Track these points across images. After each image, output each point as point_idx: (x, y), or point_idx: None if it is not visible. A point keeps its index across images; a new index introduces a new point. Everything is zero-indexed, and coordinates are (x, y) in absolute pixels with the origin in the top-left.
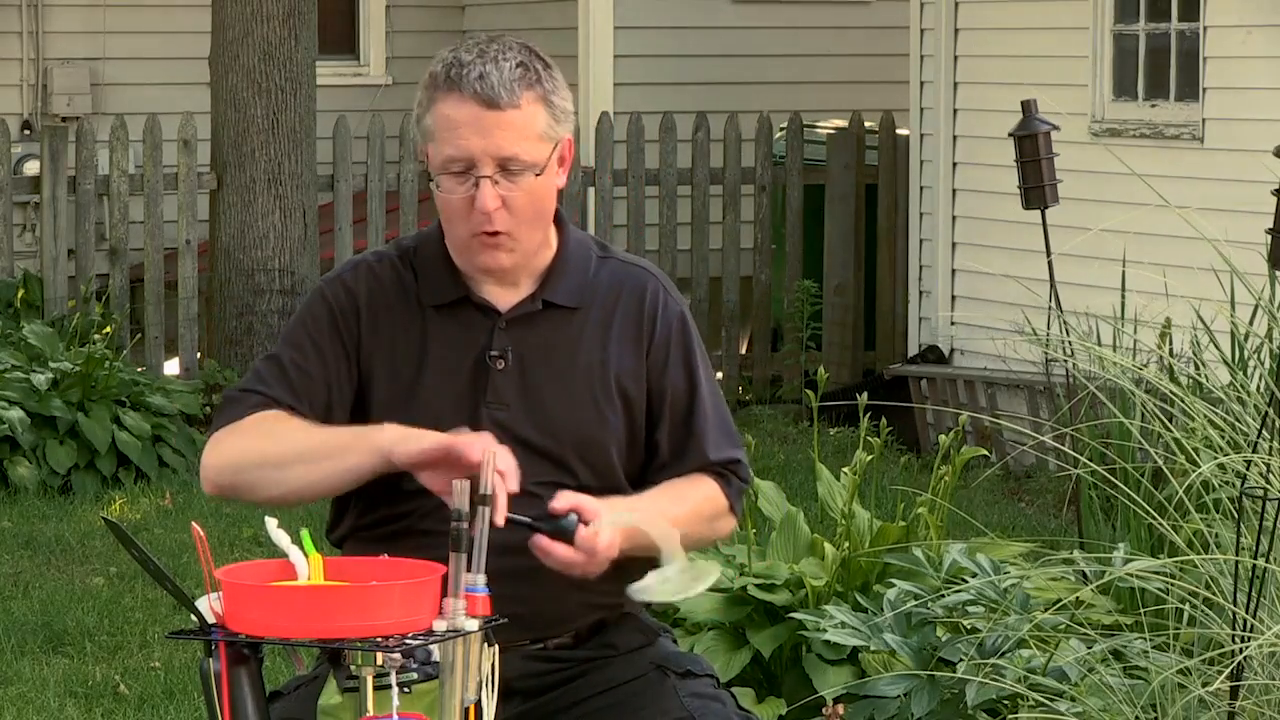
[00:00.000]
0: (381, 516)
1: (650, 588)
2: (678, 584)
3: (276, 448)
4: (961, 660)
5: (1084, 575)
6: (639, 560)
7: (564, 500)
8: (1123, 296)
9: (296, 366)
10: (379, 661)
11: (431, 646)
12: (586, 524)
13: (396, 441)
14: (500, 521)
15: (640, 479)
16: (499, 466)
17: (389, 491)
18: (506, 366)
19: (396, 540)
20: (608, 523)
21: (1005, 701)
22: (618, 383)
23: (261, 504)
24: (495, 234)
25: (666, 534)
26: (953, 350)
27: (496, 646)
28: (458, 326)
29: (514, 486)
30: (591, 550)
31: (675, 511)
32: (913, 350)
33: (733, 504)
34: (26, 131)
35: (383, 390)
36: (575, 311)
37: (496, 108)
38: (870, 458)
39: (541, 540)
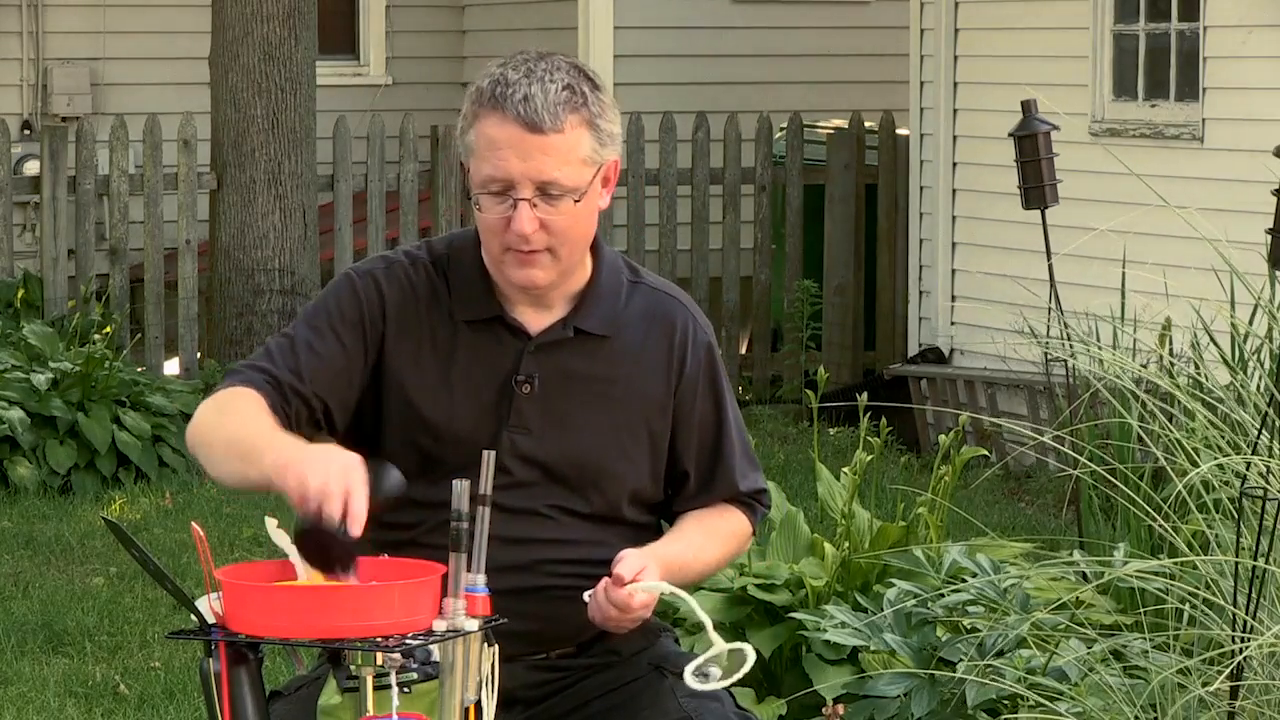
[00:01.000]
0: (386, 523)
1: (698, 678)
2: (721, 671)
3: (218, 434)
4: (961, 660)
5: (1084, 575)
6: None
7: (628, 566)
8: (1123, 297)
9: (309, 348)
10: (379, 661)
11: (431, 646)
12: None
13: (276, 472)
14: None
15: (668, 509)
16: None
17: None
18: (532, 391)
19: (399, 549)
20: (645, 588)
21: (1005, 701)
22: (644, 416)
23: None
24: (531, 252)
25: (705, 618)
26: (953, 350)
27: (496, 648)
28: (487, 345)
29: (355, 531)
30: (626, 608)
31: (712, 554)
32: (913, 350)
33: (754, 531)
34: (26, 131)
35: (410, 395)
36: (605, 340)
37: (539, 131)
38: (870, 458)
39: (597, 595)
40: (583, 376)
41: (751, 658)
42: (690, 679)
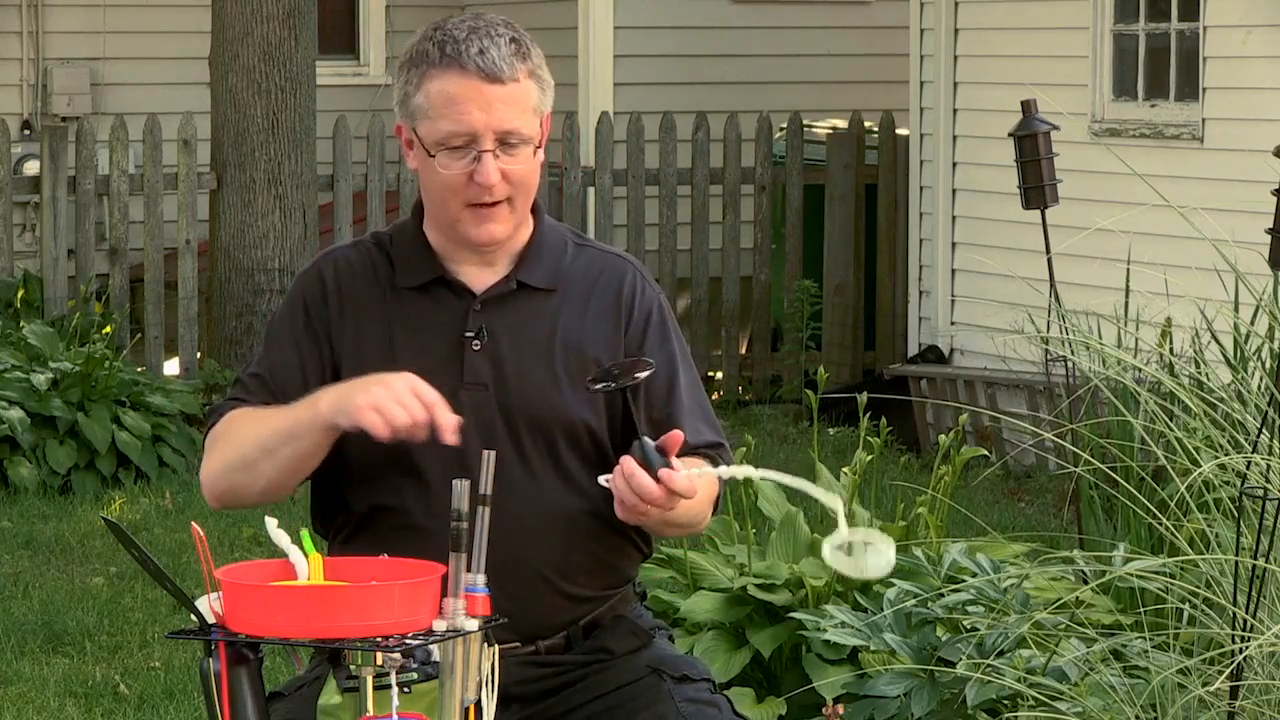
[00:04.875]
0: (381, 506)
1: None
2: (857, 552)
3: (239, 449)
4: (961, 660)
5: (1084, 575)
6: (632, 556)
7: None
8: (1126, 296)
9: (274, 364)
10: (379, 661)
11: (431, 646)
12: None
13: (335, 412)
14: (453, 440)
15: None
16: (426, 399)
17: (390, 488)
18: (483, 347)
19: (396, 536)
20: (692, 474)
21: (1005, 701)
22: (596, 364)
23: (252, 505)
24: (493, 204)
25: (831, 500)
26: (953, 350)
27: (496, 647)
28: (432, 307)
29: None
30: (686, 490)
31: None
32: (913, 350)
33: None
34: (26, 131)
35: (363, 368)
36: (551, 294)
37: (499, 82)
38: (870, 457)
39: (630, 464)
40: (531, 329)
41: (889, 557)
42: (829, 554)
